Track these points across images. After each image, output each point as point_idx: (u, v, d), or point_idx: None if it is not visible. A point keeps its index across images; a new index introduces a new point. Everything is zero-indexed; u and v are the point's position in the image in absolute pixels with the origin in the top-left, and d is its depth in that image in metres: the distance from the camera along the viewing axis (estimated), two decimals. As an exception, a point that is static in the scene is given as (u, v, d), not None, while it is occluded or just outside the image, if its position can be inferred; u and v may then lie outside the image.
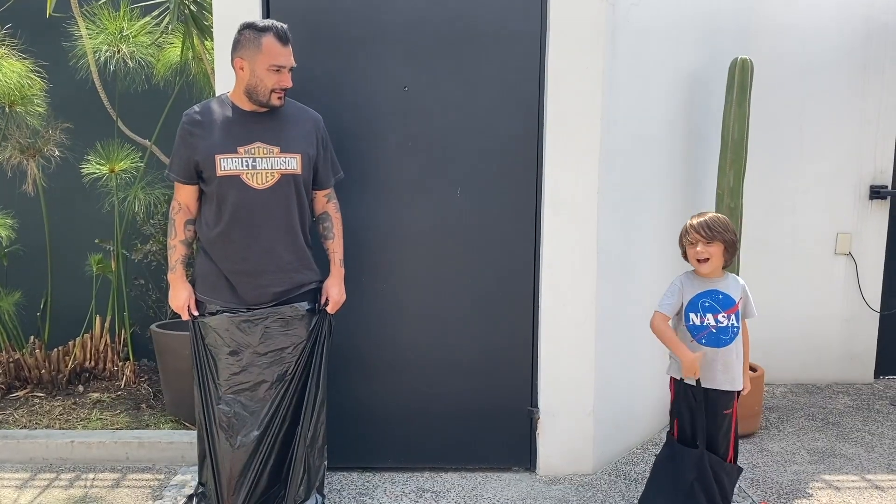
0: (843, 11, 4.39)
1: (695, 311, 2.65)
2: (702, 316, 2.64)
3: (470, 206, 3.15)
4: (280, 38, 2.54)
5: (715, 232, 2.60)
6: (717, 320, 2.63)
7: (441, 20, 3.05)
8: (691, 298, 2.66)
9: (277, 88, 2.57)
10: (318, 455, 2.81)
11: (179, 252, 2.71)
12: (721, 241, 2.61)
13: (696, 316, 2.65)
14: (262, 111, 2.65)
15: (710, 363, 2.63)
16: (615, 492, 3.14)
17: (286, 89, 2.61)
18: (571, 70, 3.05)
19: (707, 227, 2.61)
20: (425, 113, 3.10)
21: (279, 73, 2.56)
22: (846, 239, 4.54)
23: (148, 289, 4.57)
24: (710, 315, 2.64)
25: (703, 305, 2.65)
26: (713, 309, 2.64)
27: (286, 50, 2.56)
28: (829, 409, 4.19)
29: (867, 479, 3.29)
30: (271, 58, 2.53)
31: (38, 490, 3.16)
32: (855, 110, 4.46)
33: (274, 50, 2.53)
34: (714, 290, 2.66)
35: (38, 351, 4.14)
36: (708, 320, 2.63)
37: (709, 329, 2.63)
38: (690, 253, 2.66)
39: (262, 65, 2.54)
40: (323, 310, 2.78)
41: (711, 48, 3.85)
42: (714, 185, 3.86)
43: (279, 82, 2.56)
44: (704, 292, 2.66)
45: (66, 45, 4.16)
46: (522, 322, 3.23)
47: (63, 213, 4.51)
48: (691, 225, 2.65)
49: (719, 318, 2.63)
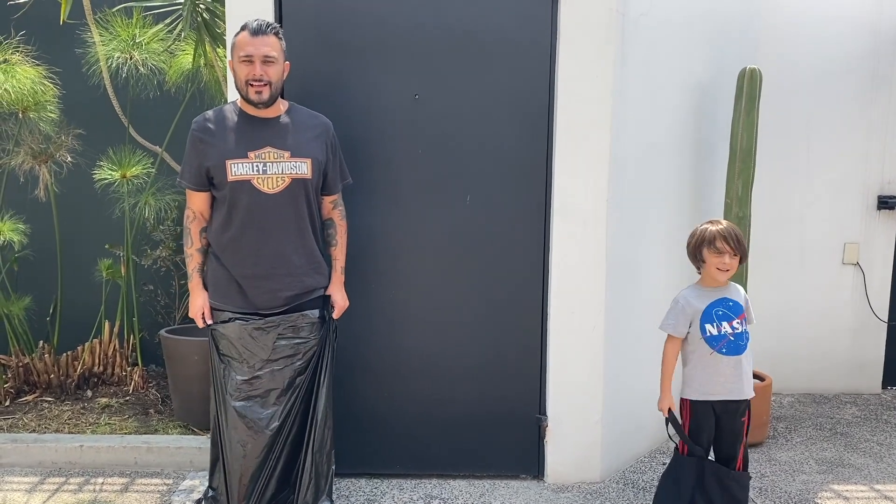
0: (850, 22, 4.40)
1: (710, 322, 2.63)
2: (718, 325, 2.63)
3: (479, 213, 3.17)
4: (252, 31, 2.56)
5: (741, 244, 2.60)
6: (732, 327, 2.63)
7: (451, 28, 3.07)
8: (704, 310, 2.64)
9: (251, 80, 2.57)
10: (327, 460, 2.82)
11: (196, 260, 2.74)
12: (742, 253, 2.61)
13: (713, 326, 2.63)
14: (271, 116, 2.67)
15: (733, 373, 2.63)
16: (623, 500, 3.13)
17: (264, 82, 2.57)
18: (581, 78, 3.07)
19: (736, 239, 2.59)
20: (435, 121, 3.12)
21: (250, 63, 2.57)
22: (854, 249, 4.54)
23: (157, 294, 4.59)
24: (725, 323, 2.63)
25: (717, 314, 2.63)
26: (727, 317, 2.64)
27: (256, 40, 2.56)
28: (837, 418, 4.18)
29: (876, 489, 3.27)
30: (241, 49, 2.58)
31: (47, 494, 3.17)
32: (862, 120, 4.46)
33: (244, 41, 2.57)
34: (724, 297, 2.66)
35: (47, 355, 4.15)
36: (724, 328, 2.63)
37: (727, 338, 2.62)
38: (714, 262, 2.60)
39: (236, 59, 2.60)
40: (331, 317, 2.80)
41: (720, 57, 3.87)
42: (722, 194, 3.87)
43: (250, 73, 2.57)
44: (716, 301, 2.65)
45: (79, 52, 4.19)
46: (531, 329, 3.24)
47: (74, 218, 4.54)
48: (719, 234, 2.59)
49: (734, 324, 2.63)
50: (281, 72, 2.64)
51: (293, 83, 3.04)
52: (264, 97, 2.60)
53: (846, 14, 4.40)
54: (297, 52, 3.03)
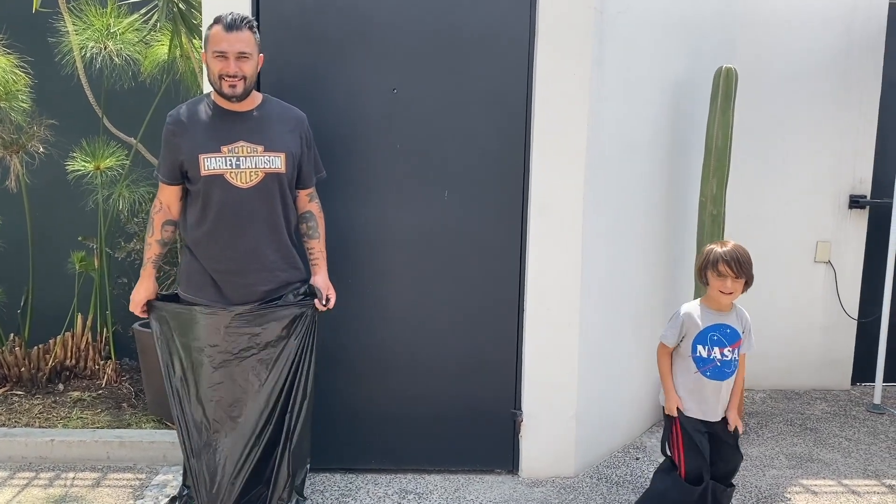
0: (825, 23, 4.46)
1: (703, 344, 2.65)
2: (709, 349, 2.64)
3: (457, 209, 3.17)
4: (226, 25, 2.52)
5: (744, 268, 2.59)
6: (722, 354, 2.64)
7: (430, 23, 3.07)
8: (701, 331, 2.64)
9: (224, 75, 2.55)
10: (302, 457, 2.81)
11: (153, 251, 2.74)
12: (746, 277, 2.61)
13: (704, 349, 2.65)
14: (245, 110, 2.65)
15: (711, 396, 2.65)
16: (597, 494, 3.16)
17: (238, 77, 2.55)
18: (559, 75, 3.08)
19: (738, 263, 2.57)
20: (414, 115, 3.12)
21: (224, 59, 2.54)
22: (826, 247, 4.60)
23: (131, 287, 4.47)
24: (716, 349, 2.64)
25: (711, 339, 2.64)
26: (720, 343, 2.64)
27: (230, 36, 2.52)
28: (807, 414, 4.24)
29: (844, 483, 3.33)
30: (215, 44, 2.54)
31: (16, 489, 3.13)
32: (836, 120, 4.53)
33: (218, 37, 2.53)
34: (724, 324, 2.66)
35: (17, 349, 4.09)
36: (714, 353, 2.64)
37: (714, 363, 2.64)
38: (716, 284, 2.61)
39: (209, 53, 2.57)
40: (314, 310, 2.78)
41: (697, 56, 3.90)
42: (697, 192, 3.91)
43: (223, 68, 2.54)
44: (715, 325, 2.65)
45: (52, 42, 4.13)
46: (507, 325, 3.25)
47: (46, 209, 4.47)
48: (722, 258, 2.59)
49: (725, 352, 2.64)
50: (255, 66, 2.62)
51: (270, 76, 3.02)
52: (238, 91, 2.57)
53: (820, 15, 4.45)
54: (275, 44, 3.01)
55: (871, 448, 3.75)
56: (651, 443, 3.73)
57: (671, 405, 2.69)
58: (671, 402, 2.70)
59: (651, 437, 3.80)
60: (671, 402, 2.70)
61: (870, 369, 4.46)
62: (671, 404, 2.70)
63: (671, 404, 2.70)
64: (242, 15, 2.58)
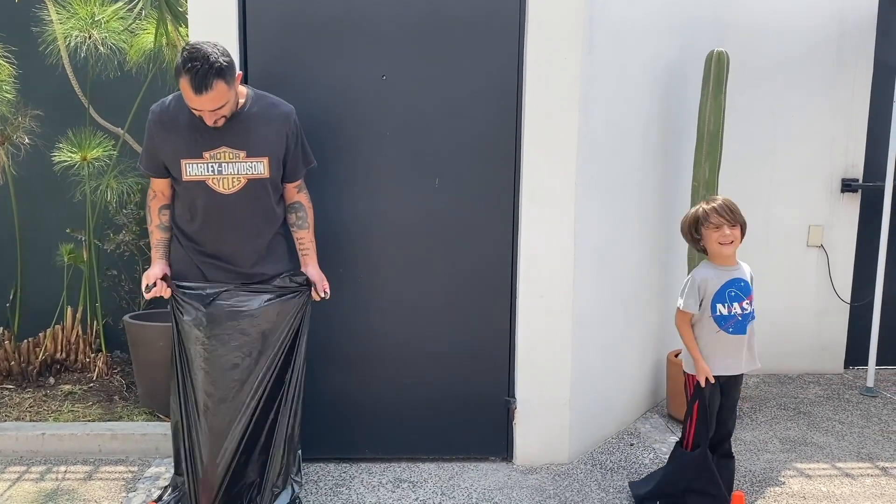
0: (816, 7, 4.43)
1: (722, 302, 2.65)
2: (729, 306, 2.65)
3: (448, 197, 3.14)
4: (194, 88, 2.35)
5: (737, 215, 2.61)
6: (742, 307, 2.66)
7: (420, 8, 3.03)
8: (718, 290, 2.65)
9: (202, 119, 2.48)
10: (295, 445, 2.80)
11: (157, 236, 2.73)
12: (740, 224, 2.63)
13: (724, 306, 2.66)
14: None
15: (735, 350, 2.67)
16: (591, 480, 3.16)
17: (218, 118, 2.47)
18: (550, 61, 3.05)
19: (730, 209, 2.60)
20: (404, 102, 3.08)
21: (201, 112, 2.45)
22: (818, 231, 4.60)
23: (121, 279, 4.51)
24: (736, 304, 2.66)
25: (730, 295, 2.65)
26: (738, 298, 2.67)
27: (201, 98, 2.37)
28: (800, 398, 4.25)
29: (837, 466, 3.34)
30: (187, 98, 2.42)
31: (7, 483, 3.10)
32: (827, 104, 4.51)
33: (188, 93, 2.39)
34: (737, 278, 2.68)
35: (7, 342, 4.06)
36: (735, 309, 2.65)
37: (735, 318, 2.66)
38: (714, 237, 2.62)
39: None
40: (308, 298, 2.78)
41: (688, 41, 3.88)
42: (690, 177, 3.89)
43: (203, 118, 2.46)
44: (730, 281, 2.67)
45: (36, 31, 4.07)
46: (500, 312, 3.23)
47: (33, 201, 4.43)
48: (712, 209, 2.62)
49: (744, 305, 2.66)
50: (234, 102, 2.50)
51: (257, 65, 2.99)
52: (220, 124, 2.51)
53: None
54: (262, 31, 2.98)
55: (864, 431, 3.76)
56: (645, 428, 3.73)
57: (702, 375, 2.68)
58: (701, 372, 2.68)
59: (645, 423, 3.80)
60: (701, 372, 2.68)
61: (862, 353, 4.46)
62: (702, 374, 2.68)
63: (702, 374, 2.68)
64: (207, 65, 2.34)
